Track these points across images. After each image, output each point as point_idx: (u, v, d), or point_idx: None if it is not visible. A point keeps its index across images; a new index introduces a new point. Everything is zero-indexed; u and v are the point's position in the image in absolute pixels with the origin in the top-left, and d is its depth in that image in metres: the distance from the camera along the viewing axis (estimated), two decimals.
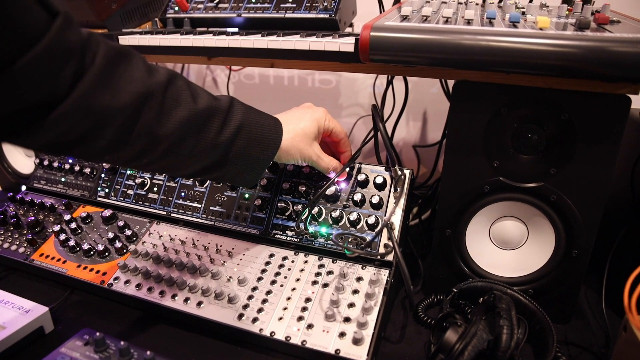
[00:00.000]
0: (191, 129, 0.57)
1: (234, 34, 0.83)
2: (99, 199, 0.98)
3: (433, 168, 1.17)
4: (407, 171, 0.77)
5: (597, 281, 0.79)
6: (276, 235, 0.82)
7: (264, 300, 0.72)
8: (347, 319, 0.67)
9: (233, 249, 0.82)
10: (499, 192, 0.70)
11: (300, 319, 0.68)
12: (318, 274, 0.74)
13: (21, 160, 1.20)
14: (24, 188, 1.10)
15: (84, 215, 0.94)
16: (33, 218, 0.95)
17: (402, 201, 0.76)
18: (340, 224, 0.78)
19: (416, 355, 0.69)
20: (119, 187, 0.97)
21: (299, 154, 0.70)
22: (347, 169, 0.79)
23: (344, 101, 1.45)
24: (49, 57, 0.43)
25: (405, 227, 0.78)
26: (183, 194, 0.91)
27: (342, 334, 0.65)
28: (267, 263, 0.78)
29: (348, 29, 0.95)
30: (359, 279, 0.72)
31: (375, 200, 0.76)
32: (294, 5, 0.89)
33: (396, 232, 0.74)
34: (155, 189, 0.94)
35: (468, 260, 0.75)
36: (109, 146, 0.52)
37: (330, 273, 0.74)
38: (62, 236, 0.90)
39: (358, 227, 0.77)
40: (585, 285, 0.83)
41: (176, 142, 0.57)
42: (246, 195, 0.86)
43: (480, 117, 0.67)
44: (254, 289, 0.74)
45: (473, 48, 0.57)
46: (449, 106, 0.76)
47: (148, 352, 0.59)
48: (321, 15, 0.86)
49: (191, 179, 0.91)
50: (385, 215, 0.76)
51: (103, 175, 1.00)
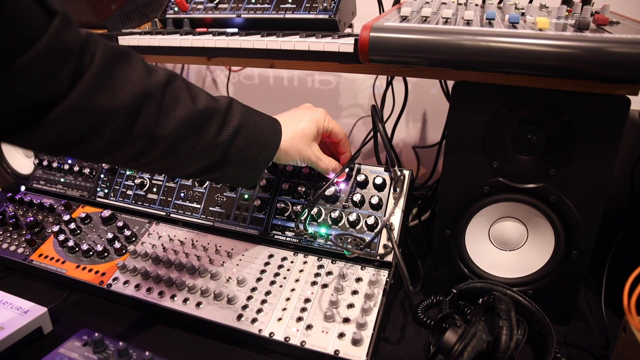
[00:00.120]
0: (190, 129, 0.57)
1: (233, 34, 0.83)
2: (98, 199, 0.98)
3: (433, 169, 1.17)
4: (407, 172, 0.77)
5: (597, 282, 0.79)
6: (275, 236, 0.81)
7: (263, 301, 0.72)
8: (347, 320, 0.67)
9: (232, 249, 0.82)
10: (499, 193, 0.70)
11: (299, 319, 0.68)
12: (317, 275, 0.74)
13: (20, 160, 1.20)
14: (23, 188, 1.10)
15: (83, 215, 0.94)
16: (32, 218, 0.95)
17: (402, 202, 0.76)
18: (339, 225, 0.78)
19: (415, 356, 0.69)
20: (118, 188, 0.97)
21: (298, 154, 0.70)
22: (347, 169, 0.78)
23: (343, 102, 1.45)
24: (48, 57, 0.43)
25: (405, 228, 0.78)
26: (182, 195, 0.91)
27: (342, 335, 0.65)
28: (267, 264, 0.78)
29: (348, 30, 0.95)
30: (359, 280, 0.72)
31: (374, 200, 0.76)
32: (294, 6, 0.89)
33: (395, 233, 0.74)
34: (154, 190, 0.94)
35: (467, 261, 0.75)
36: (108, 146, 0.52)
37: (329, 274, 0.74)
38: (61, 236, 0.90)
39: (357, 228, 0.77)
40: (584, 286, 0.83)
41: (175, 143, 0.57)
42: (245, 196, 0.86)
43: (480, 118, 0.67)
44: (253, 289, 0.74)
45: (472, 49, 0.57)
46: (448, 107, 0.76)
47: (147, 353, 0.59)
48: (321, 16, 0.86)
49: (190, 180, 0.91)
50: (384, 215, 0.76)
51: (102, 175, 1.00)
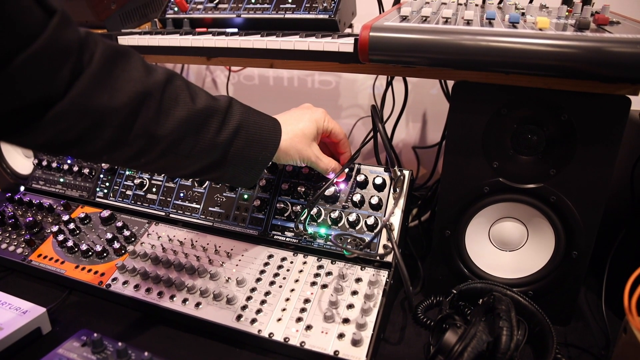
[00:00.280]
0: (189, 129, 0.57)
1: (233, 34, 0.83)
2: (97, 199, 0.98)
3: (432, 169, 1.17)
4: (407, 172, 0.77)
5: (597, 282, 0.79)
6: (275, 236, 0.81)
7: (263, 301, 0.71)
8: (346, 320, 0.66)
9: (232, 249, 0.81)
10: (499, 193, 0.70)
11: (299, 320, 0.68)
12: (317, 275, 0.74)
13: (20, 160, 1.20)
14: (22, 189, 1.10)
15: (82, 215, 0.94)
16: (31, 219, 0.95)
17: (402, 202, 0.76)
18: (339, 225, 0.78)
19: (415, 357, 0.69)
20: (117, 188, 0.97)
21: (297, 154, 0.70)
22: (346, 169, 0.78)
23: (343, 102, 1.45)
24: (46, 56, 0.42)
25: (405, 228, 0.77)
26: (182, 195, 0.91)
27: (341, 335, 0.65)
28: (266, 264, 0.78)
29: (348, 30, 0.95)
30: (358, 280, 0.72)
31: (374, 201, 0.76)
32: (294, 6, 0.89)
33: (395, 233, 0.73)
34: (154, 190, 0.93)
35: (467, 261, 0.75)
36: (107, 146, 0.52)
37: (329, 274, 0.74)
38: (61, 237, 0.89)
39: (357, 228, 0.77)
40: (585, 287, 0.83)
41: (174, 142, 0.56)
42: (245, 196, 0.86)
43: (480, 118, 0.67)
44: (253, 289, 0.74)
45: (472, 48, 0.57)
46: (448, 107, 0.76)
47: (145, 353, 0.59)
48: (321, 16, 0.86)
49: (190, 180, 0.91)
50: (384, 216, 0.76)
51: (102, 175, 1.00)
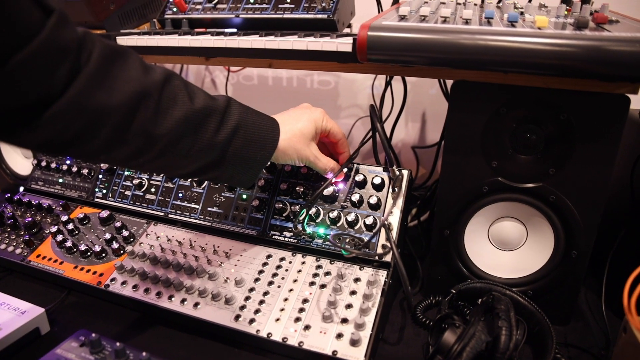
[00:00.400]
0: (188, 128, 0.57)
1: (231, 34, 0.83)
2: (96, 200, 0.98)
3: (432, 169, 1.17)
4: (405, 171, 0.77)
5: (597, 282, 0.79)
6: (274, 236, 0.81)
7: (261, 301, 0.71)
8: (345, 320, 0.66)
9: (230, 249, 0.81)
10: (498, 193, 0.70)
11: (297, 320, 0.68)
12: (315, 275, 0.74)
13: (19, 161, 1.20)
14: (21, 189, 1.10)
15: (81, 216, 0.94)
16: (30, 219, 0.95)
17: (400, 202, 0.76)
18: (338, 225, 0.78)
19: (414, 357, 0.69)
20: (116, 188, 0.97)
21: (296, 154, 0.70)
22: (345, 169, 0.78)
23: (342, 102, 1.45)
24: (44, 55, 0.42)
25: (404, 228, 0.77)
26: (180, 195, 0.90)
27: (340, 335, 0.64)
28: (265, 264, 0.78)
29: (347, 30, 0.95)
30: (357, 280, 0.72)
31: (373, 200, 0.76)
32: (292, 6, 0.89)
33: (394, 233, 0.73)
34: (152, 190, 0.93)
35: (467, 261, 0.74)
36: (105, 145, 0.52)
37: (327, 274, 0.74)
38: (59, 237, 0.89)
39: (356, 228, 0.76)
40: (584, 287, 0.83)
41: (172, 142, 0.56)
42: (244, 196, 0.86)
43: (479, 117, 0.67)
44: (251, 290, 0.73)
45: (471, 47, 0.56)
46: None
47: (144, 353, 0.59)
48: (319, 16, 0.86)
49: (189, 180, 0.91)
50: (383, 216, 0.76)
51: (101, 176, 1.00)
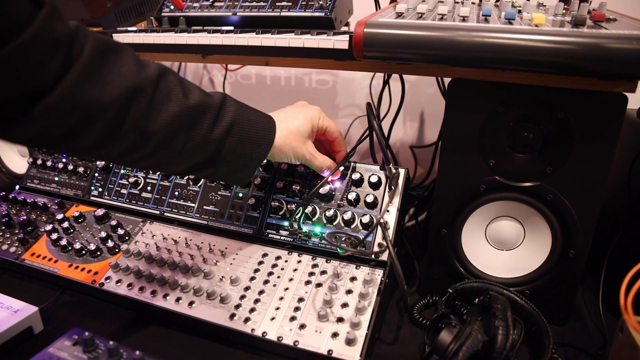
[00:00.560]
0: (182, 124, 0.56)
1: (228, 32, 0.83)
2: (92, 198, 0.98)
3: (429, 169, 1.17)
4: (402, 170, 0.77)
5: (594, 282, 0.78)
6: (270, 235, 0.81)
7: (257, 300, 0.71)
8: (340, 319, 0.66)
9: (226, 248, 0.81)
10: (495, 192, 0.70)
11: (292, 319, 0.67)
12: (311, 274, 0.73)
13: (16, 160, 1.19)
14: (17, 188, 1.09)
15: (76, 214, 0.93)
16: (25, 217, 0.94)
17: (397, 200, 0.75)
18: (334, 224, 0.77)
19: (411, 356, 0.68)
20: (112, 187, 0.96)
21: (292, 152, 0.69)
22: (341, 167, 0.78)
23: (340, 101, 1.44)
24: (34, 48, 0.42)
25: (401, 227, 0.77)
26: (177, 193, 0.90)
27: (335, 335, 0.64)
28: (260, 263, 0.77)
29: (344, 28, 0.94)
30: (353, 279, 0.71)
31: (369, 199, 0.76)
32: (290, 4, 0.88)
33: (390, 232, 0.73)
34: (148, 188, 0.93)
35: (464, 260, 0.74)
36: (98, 141, 0.51)
37: (323, 273, 0.73)
38: (54, 235, 0.89)
39: (352, 227, 0.76)
40: (582, 286, 0.83)
41: (166, 138, 0.56)
42: (240, 195, 0.85)
43: (476, 116, 0.66)
44: (247, 288, 0.73)
45: (468, 44, 0.56)
46: None
47: (137, 352, 0.58)
48: (317, 14, 0.85)
49: (185, 178, 0.90)
50: (379, 214, 0.75)
51: (97, 174, 0.99)
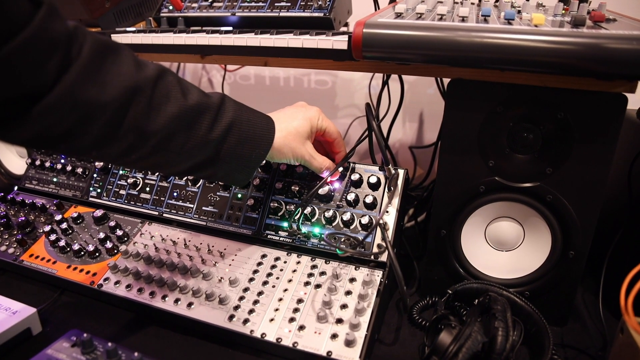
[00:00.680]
0: (181, 125, 0.56)
1: (227, 32, 0.83)
2: (90, 199, 0.97)
3: (429, 169, 1.16)
4: (402, 170, 0.76)
5: (594, 283, 0.78)
6: (269, 236, 0.80)
7: (256, 301, 0.71)
8: (340, 321, 0.65)
9: (225, 249, 0.81)
10: (495, 192, 0.69)
11: (291, 320, 0.67)
12: (310, 275, 0.73)
13: (14, 161, 1.19)
14: (15, 189, 1.09)
15: (75, 215, 0.93)
16: (23, 218, 0.94)
17: (396, 201, 0.75)
18: (333, 224, 0.77)
19: (410, 358, 0.68)
20: (111, 187, 0.96)
21: (291, 153, 0.69)
22: (340, 168, 0.77)
23: (339, 102, 1.44)
24: (32, 48, 0.42)
25: (400, 228, 0.77)
26: (175, 194, 0.90)
27: (334, 336, 0.64)
28: (259, 264, 0.77)
29: (343, 28, 0.94)
30: (352, 280, 0.71)
31: (369, 200, 0.75)
32: (289, 4, 0.88)
33: (390, 232, 0.73)
34: (147, 189, 0.92)
35: (463, 261, 0.74)
36: (96, 141, 0.51)
37: (323, 274, 0.73)
38: (53, 236, 0.88)
39: (351, 228, 0.76)
40: (582, 287, 0.82)
41: (165, 139, 0.56)
42: (239, 195, 0.85)
43: (476, 116, 0.66)
44: (246, 289, 0.73)
45: (467, 45, 0.56)
46: None
47: (135, 354, 0.58)
48: (316, 14, 0.85)
49: (183, 179, 0.90)
50: (378, 215, 0.75)
51: (95, 175, 0.99)
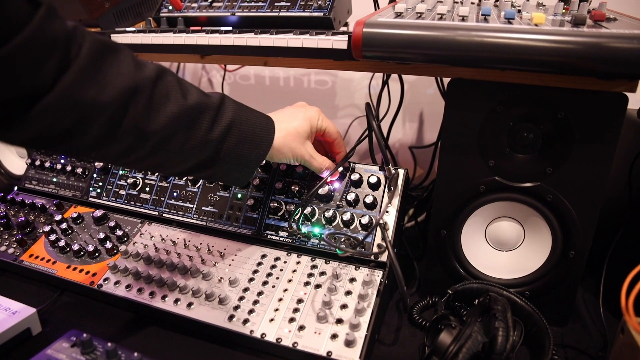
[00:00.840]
0: (180, 125, 0.56)
1: (227, 32, 0.82)
2: (90, 199, 0.97)
3: (429, 169, 1.16)
4: (402, 170, 0.76)
5: (595, 283, 0.78)
6: (269, 236, 0.80)
7: (255, 302, 0.70)
8: (340, 321, 0.65)
9: (225, 249, 0.80)
10: (495, 192, 0.69)
11: (291, 320, 0.67)
12: (310, 275, 0.73)
13: (14, 161, 1.19)
14: (15, 189, 1.09)
15: (74, 215, 0.93)
16: (23, 218, 0.94)
17: (396, 201, 0.75)
18: (333, 224, 0.77)
19: (410, 358, 0.68)
20: (110, 188, 0.96)
21: (291, 153, 0.69)
22: (340, 168, 0.77)
23: (339, 102, 1.44)
24: (31, 48, 0.42)
25: (400, 228, 0.77)
26: (175, 194, 0.90)
27: (334, 336, 0.64)
28: (259, 264, 0.77)
29: (343, 28, 0.94)
30: (352, 280, 0.71)
31: (369, 200, 0.75)
32: (288, 4, 0.88)
33: (390, 232, 0.73)
34: (147, 189, 0.92)
35: (463, 261, 0.74)
36: (95, 142, 0.51)
37: (322, 274, 0.73)
38: (53, 237, 0.88)
39: (351, 228, 0.76)
40: (582, 287, 0.82)
41: (165, 139, 0.56)
42: (239, 195, 0.85)
43: (476, 116, 0.66)
44: (245, 289, 0.72)
45: (467, 44, 0.56)
46: None
47: (135, 354, 0.58)
48: (315, 14, 0.85)
49: (183, 179, 0.90)
50: (378, 215, 0.75)
51: (95, 175, 0.99)
